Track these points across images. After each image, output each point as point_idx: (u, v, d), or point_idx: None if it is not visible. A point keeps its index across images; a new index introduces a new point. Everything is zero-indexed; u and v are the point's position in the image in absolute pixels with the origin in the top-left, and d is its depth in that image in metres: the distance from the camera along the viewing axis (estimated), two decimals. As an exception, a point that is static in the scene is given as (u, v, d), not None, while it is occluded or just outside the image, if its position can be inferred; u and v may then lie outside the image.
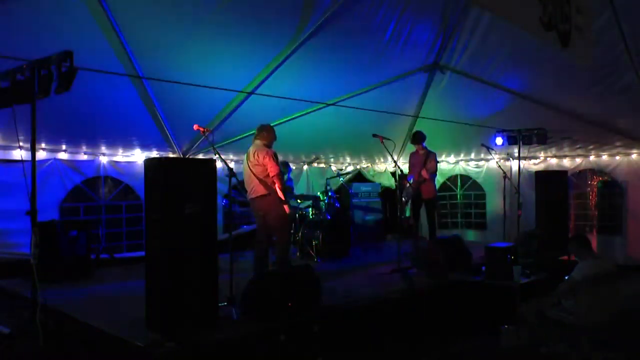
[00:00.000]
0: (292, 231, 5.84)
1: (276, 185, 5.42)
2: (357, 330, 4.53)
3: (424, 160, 7.25)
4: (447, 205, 10.32)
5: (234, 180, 4.79)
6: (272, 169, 5.41)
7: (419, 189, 7.28)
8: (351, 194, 8.59)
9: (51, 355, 3.60)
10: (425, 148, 7.35)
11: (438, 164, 7.45)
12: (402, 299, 5.18)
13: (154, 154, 7.33)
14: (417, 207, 7.50)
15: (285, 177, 7.52)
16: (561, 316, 4.43)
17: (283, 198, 5.47)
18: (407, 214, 10.37)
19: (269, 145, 5.61)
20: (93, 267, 6.31)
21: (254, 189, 5.54)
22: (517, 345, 4.44)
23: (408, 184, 7.27)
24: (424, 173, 7.17)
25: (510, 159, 9.06)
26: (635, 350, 4.48)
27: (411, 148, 9.85)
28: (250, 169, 5.53)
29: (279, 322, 4.06)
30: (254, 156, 5.53)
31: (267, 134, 5.64)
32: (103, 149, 6.92)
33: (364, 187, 9.51)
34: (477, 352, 4.67)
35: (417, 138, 7.39)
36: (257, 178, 5.48)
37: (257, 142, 5.62)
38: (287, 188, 5.69)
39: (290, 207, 5.63)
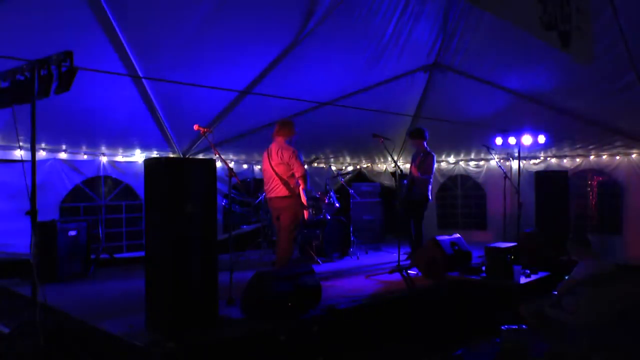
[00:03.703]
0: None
1: (300, 187, 5.38)
2: (357, 330, 4.53)
3: (419, 159, 7.01)
4: (447, 205, 10.31)
5: (234, 180, 4.79)
6: (298, 170, 5.35)
7: (410, 189, 6.99)
8: (351, 194, 8.58)
9: (51, 355, 3.60)
10: (425, 148, 7.06)
11: (436, 165, 7.17)
12: (402, 299, 5.18)
13: (154, 154, 7.33)
14: (407, 209, 7.09)
15: None
16: (561, 316, 4.42)
17: (305, 203, 5.42)
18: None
19: (290, 141, 5.55)
20: (93, 267, 6.32)
21: (275, 188, 5.46)
22: (517, 345, 4.44)
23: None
24: (414, 170, 6.85)
25: (510, 159, 9.06)
26: (635, 350, 4.47)
27: (412, 148, 9.91)
28: (273, 168, 5.45)
29: (279, 322, 4.06)
30: (277, 155, 5.43)
31: (287, 129, 5.57)
32: (103, 149, 6.92)
33: (364, 187, 9.51)
34: (477, 353, 4.67)
35: (413, 134, 7.15)
36: (280, 178, 5.40)
37: (279, 139, 5.54)
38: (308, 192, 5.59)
39: (309, 212, 5.57)
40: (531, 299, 4.81)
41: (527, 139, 7.68)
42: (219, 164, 6.70)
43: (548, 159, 8.89)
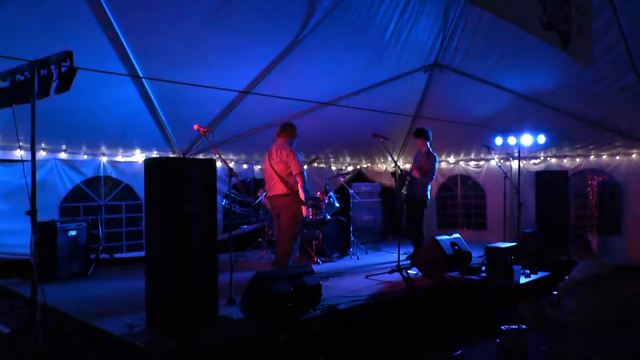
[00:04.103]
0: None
1: (299, 184, 5.50)
2: (357, 330, 4.53)
3: (420, 159, 7.13)
4: (447, 205, 10.32)
5: (233, 180, 4.80)
6: (295, 167, 5.50)
7: (409, 189, 7.10)
8: (351, 194, 8.59)
9: (51, 355, 3.60)
10: (428, 148, 7.12)
11: (437, 166, 7.13)
12: (402, 299, 5.18)
13: (154, 154, 7.33)
14: (408, 209, 7.19)
15: None
16: (561, 316, 4.43)
17: (304, 199, 5.51)
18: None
19: (291, 143, 5.72)
20: (93, 267, 6.32)
21: (274, 187, 5.59)
22: (517, 345, 4.44)
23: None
24: (415, 170, 6.97)
25: (510, 159, 9.06)
26: (635, 351, 4.48)
27: (412, 148, 9.91)
28: (272, 167, 5.58)
29: (279, 322, 4.06)
30: (276, 154, 5.60)
31: (289, 131, 5.76)
32: (103, 149, 6.92)
33: (364, 187, 9.51)
34: (477, 353, 4.67)
35: (416, 133, 7.25)
36: (279, 176, 5.55)
37: (280, 140, 5.72)
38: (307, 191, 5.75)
39: (308, 211, 5.71)
40: (531, 299, 4.82)
41: (527, 139, 7.67)
42: (219, 164, 6.69)
43: (548, 159, 8.89)
